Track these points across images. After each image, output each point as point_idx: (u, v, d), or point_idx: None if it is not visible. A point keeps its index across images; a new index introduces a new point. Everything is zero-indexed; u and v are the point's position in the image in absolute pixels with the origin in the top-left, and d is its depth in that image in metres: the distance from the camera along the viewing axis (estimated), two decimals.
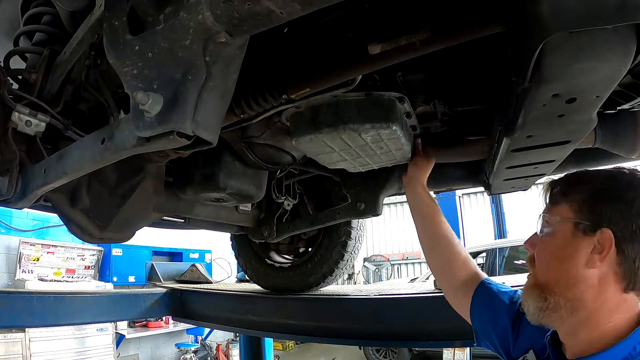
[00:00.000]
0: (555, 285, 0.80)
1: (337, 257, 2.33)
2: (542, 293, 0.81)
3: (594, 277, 0.76)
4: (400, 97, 1.17)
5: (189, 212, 1.87)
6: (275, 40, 1.12)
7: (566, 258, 0.79)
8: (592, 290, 0.76)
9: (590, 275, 0.76)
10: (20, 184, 1.26)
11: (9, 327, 4.54)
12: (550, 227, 0.85)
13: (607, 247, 0.75)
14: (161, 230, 2.91)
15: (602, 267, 0.76)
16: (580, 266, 0.77)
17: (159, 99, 0.76)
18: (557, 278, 0.80)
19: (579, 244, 0.77)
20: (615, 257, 0.75)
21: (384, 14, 0.97)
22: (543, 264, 0.85)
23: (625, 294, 0.76)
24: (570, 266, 0.78)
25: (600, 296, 0.76)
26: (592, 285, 0.76)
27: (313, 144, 1.24)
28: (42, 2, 1.33)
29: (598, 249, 0.76)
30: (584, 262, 0.76)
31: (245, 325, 2.76)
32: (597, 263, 0.75)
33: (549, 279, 0.82)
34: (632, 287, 0.75)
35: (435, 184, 1.79)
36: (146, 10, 0.80)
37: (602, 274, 0.76)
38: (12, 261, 5.80)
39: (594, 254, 0.76)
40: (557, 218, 0.83)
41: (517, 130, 0.96)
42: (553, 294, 0.80)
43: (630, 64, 0.69)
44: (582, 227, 0.78)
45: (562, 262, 0.80)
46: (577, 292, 0.77)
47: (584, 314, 0.77)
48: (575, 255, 0.77)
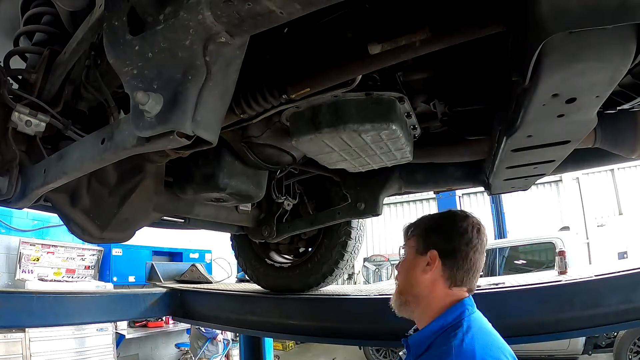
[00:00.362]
0: (406, 287, 1.20)
1: (337, 257, 2.33)
2: (400, 294, 1.21)
3: (427, 280, 1.15)
4: (400, 97, 1.17)
5: (189, 212, 1.87)
6: (275, 40, 1.12)
7: (410, 269, 1.20)
8: (427, 289, 1.15)
9: (424, 279, 1.15)
10: (20, 184, 1.26)
11: (9, 327, 4.54)
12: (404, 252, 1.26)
13: (433, 261, 1.15)
14: (161, 230, 2.91)
15: (432, 274, 1.15)
16: (418, 274, 1.16)
17: (159, 99, 0.76)
18: (406, 283, 1.21)
19: (418, 261, 1.18)
20: (441, 267, 1.14)
21: (384, 13, 0.97)
22: (400, 275, 1.24)
23: (450, 289, 1.14)
24: (412, 274, 1.18)
25: (432, 292, 1.15)
26: (426, 285, 1.15)
27: (313, 144, 1.24)
28: (42, 2, 1.32)
29: (429, 263, 1.15)
30: (421, 271, 1.16)
31: (245, 325, 2.76)
32: (428, 272, 1.15)
33: (403, 284, 1.22)
34: (454, 284, 1.14)
35: (435, 184, 1.79)
36: (146, 10, 0.80)
37: (433, 278, 1.15)
38: (12, 261, 5.80)
39: (427, 266, 1.16)
40: (407, 247, 1.25)
41: (517, 130, 0.96)
42: (405, 294, 1.20)
43: (630, 64, 0.69)
44: (419, 250, 1.19)
45: (408, 272, 1.20)
46: (417, 291, 1.17)
47: (423, 305, 1.16)
48: (415, 267, 1.18)
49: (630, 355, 5.45)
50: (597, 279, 1.83)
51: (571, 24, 0.61)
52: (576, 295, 1.80)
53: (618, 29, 0.63)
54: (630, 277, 1.77)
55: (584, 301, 1.79)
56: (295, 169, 1.96)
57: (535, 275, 2.73)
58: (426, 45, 0.91)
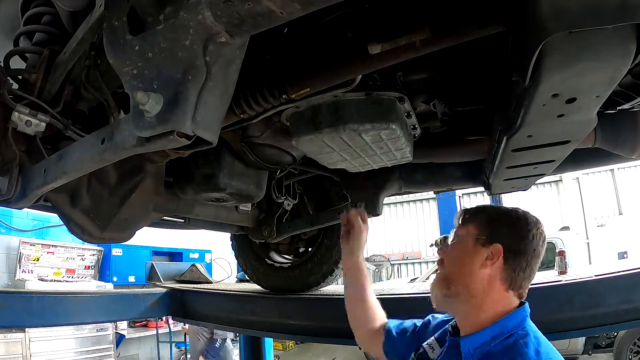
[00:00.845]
0: (458, 277, 1.07)
1: (337, 257, 2.33)
2: (447, 283, 1.08)
3: (485, 276, 1.04)
4: (400, 97, 1.17)
5: (189, 212, 1.87)
6: (275, 40, 1.12)
7: (467, 260, 1.07)
8: (482, 285, 1.04)
9: (482, 274, 1.04)
10: (20, 184, 1.26)
11: (9, 327, 4.54)
12: (458, 238, 1.13)
13: (496, 256, 1.03)
14: (161, 230, 2.91)
15: (491, 270, 1.03)
16: (476, 267, 1.04)
17: (159, 98, 0.76)
18: (459, 272, 1.08)
19: (478, 252, 1.05)
20: (502, 265, 1.03)
21: (384, 13, 0.97)
22: (451, 262, 1.11)
23: (506, 292, 1.05)
24: (470, 265, 1.05)
25: (487, 290, 1.04)
26: (483, 281, 1.04)
27: (313, 144, 1.24)
28: (42, 2, 1.32)
29: (490, 257, 1.04)
30: (479, 264, 1.04)
31: (245, 325, 2.77)
32: (488, 266, 1.04)
33: (453, 272, 1.09)
34: (511, 288, 1.04)
35: (435, 184, 1.79)
36: (146, 10, 0.80)
37: (491, 275, 1.04)
38: (12, 261, 5.80)
39: (487, 260, 1.04)
40: (464, 231, 1.11)
41: (517, 130, 0.96)
42: (455, 284, 1.06)
43: (630, 64, 0.69)
44: (481, 240, 1.06)
45: (464, 261, 1.07)
46: (472, 285, 1.04)
47: (475, 302, 1.04)
48: (474, 258, 1.05)
49: (630, 355, 5.46)
50: (597, 279, 1.83)
51: (571, 24, 0.61)
52: (576, 295, 1.80)
53: (618, 29, 0.63)
54: (630, 277, 1.78)
55: (584, 301, 1.79)
56: (295, 169, 1.95)
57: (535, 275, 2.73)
58: (426, 46, 0.91)
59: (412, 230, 13.27)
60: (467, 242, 1.08)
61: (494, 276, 1.03)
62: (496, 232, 1.05)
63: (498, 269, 1.03)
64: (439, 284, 1.10)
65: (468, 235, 1.09)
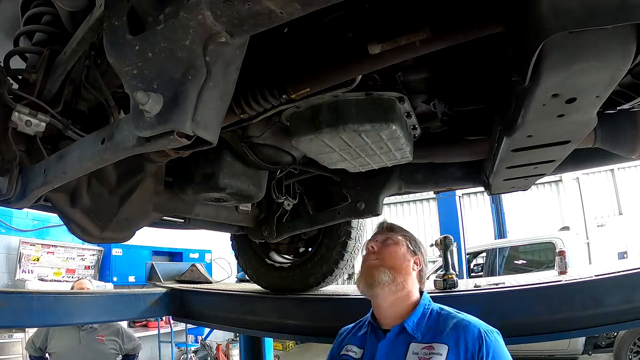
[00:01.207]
0: (400, 270, 1.38)
1: (337, 257, 2.33)
2: (392, 272, 1.36)
3: (413, 276, 1.41)
4: (400, 97, 1.17)
5: (189, 212, 1.87)
6: (275, 40, 1.12)
7: (406, 260, 1.41)
8: (411, 281, 1.39)
9: (413, 275, 1.41)
10: (21, 184, 1.26)
11: (9, 327, 4.54)
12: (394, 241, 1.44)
13: (419, 264, 1.44)
14: (161, 230, 2.91)
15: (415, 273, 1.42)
16: (410, 268, 1.41)
17: (159, 98, 0.76)
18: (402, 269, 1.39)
19: (410, 257, 1.43)
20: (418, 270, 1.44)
21: (384, 13, 0.97)
22: (393, 258, 1.40)
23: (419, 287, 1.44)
24: (407, 267, 1.40)
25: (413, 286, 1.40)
26: (412, 278, 1.40)
27: (313, 143, 1.24)
28: (42, 2, 1.32)
29: (417, 263, 1.43)
30: (411, 267, 1.41)
31: (245, 325, 2.76)
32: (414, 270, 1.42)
33: (397, 267, 1.38)
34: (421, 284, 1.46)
35: (435, 184, 1.79)
36: (146, 10, 0.80)
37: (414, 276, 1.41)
38: (12, 261, 5.80)
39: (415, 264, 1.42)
40: (400, 238, 1.45)
41: (517, 130, 0.96)
42: (399, 275, 1.37)
43: (630, 64, 0.69)
44: (411, 250, 1.44)
45: (404, 261, 1.41)
46: (407, 279, 1.38)
47: (405, 294, 1.37)
48: (410, 261, 1.42)
49: (630, 355, 5.46)
50: (597, 279, 1.83)
51: (571, 24, 0.61)
52: (576, 295, 1.80)
53: (618, 29, 0.63)
54: (630, 277, 1.77)
55: (584, 301, 1.78)
56: (295, 169, 1.96)
57: (535, 275, 2.72)
58: (426, 45, 0.91)
59: (412, 230, 13.20)
60: (403, 247, 1.43)
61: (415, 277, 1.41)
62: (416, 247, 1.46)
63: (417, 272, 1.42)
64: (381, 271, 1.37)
65: (402, 242, 1.43)
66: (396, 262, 1.39)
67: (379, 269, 1.38)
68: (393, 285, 1.36)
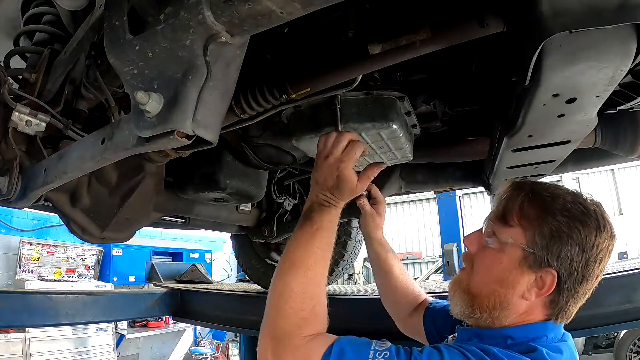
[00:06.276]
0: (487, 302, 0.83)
1: (337, 257, 2.33)
2: (472, 303, 0.85)
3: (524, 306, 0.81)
4: (400, 96, 1.17)
5: (189, 212, 1.87)
6: (275, 40, 1.12)
7: (506, 284, 0.81)
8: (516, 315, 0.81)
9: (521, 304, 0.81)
10: (21, 184, 1.26)
11: (8, 327, 4.53)
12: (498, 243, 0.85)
13: (548, 286, 0.78)
14: (161, 230, 2.91)
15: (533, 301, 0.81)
16: (516, 296, 0.80)
17: (159, 98, 0.76)
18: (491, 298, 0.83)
19: (523, 275, 0.79)
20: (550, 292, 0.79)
21: (384, 13, 0.97)
22: (482, 278, 0.86)
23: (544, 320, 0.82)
24: (508, 292, 0.81)
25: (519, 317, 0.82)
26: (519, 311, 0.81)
27: (314, 143, 1.24)
28: (43, 1, 1.32)
29: (539, 284, 0.79)
30: (521, 293, 0.80)
31: (245, 325, 2.76)
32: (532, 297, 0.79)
33: (482, 294, 0.84)
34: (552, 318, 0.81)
35: (435, 184, 1.79)
36: (146, 10, 0.80)
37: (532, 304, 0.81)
38: (12, 261, 5.79)
39: (532, 287, 0.79)
40: (509, 239, 0.82)
41: (517, 130, 0.96)
42: (481, 309, 0.84)
43: (630, 64, 0.69)
44: (531, 259, 0.79)
45: (502, 285, 0.82)
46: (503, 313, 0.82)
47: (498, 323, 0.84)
48: (516, 284, 0.80)
49: (630, 355, 5.46)
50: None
51: (571, 24, 0.61)
52: None
53: (618, 29, 0.63)
54: (630, 277, 1.77)
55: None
56: (295, 169, 1.95)
57: None
58: (426, 45, 0.91)
59: (412, 230, 13.26)
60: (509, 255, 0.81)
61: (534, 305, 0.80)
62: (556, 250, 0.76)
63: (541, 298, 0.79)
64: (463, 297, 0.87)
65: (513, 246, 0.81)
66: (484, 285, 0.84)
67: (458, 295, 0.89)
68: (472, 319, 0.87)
